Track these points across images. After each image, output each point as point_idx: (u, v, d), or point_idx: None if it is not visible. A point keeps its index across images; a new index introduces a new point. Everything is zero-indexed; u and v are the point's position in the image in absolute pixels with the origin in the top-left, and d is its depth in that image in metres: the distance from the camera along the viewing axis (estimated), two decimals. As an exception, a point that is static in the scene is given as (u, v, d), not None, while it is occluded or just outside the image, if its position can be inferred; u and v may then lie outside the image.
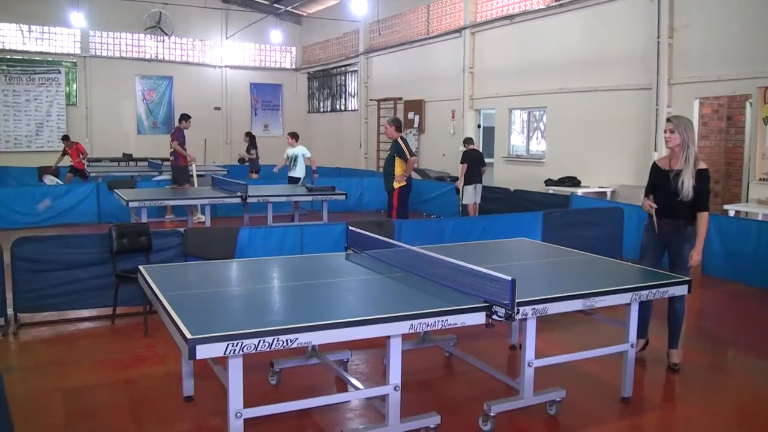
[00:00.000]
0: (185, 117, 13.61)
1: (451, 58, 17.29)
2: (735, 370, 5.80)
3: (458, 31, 17.04)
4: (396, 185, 9.43)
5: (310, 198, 10.88)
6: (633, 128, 12.23)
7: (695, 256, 5.29)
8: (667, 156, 5.56)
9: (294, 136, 13.12)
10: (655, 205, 5.44)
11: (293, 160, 12.86)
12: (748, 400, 4.96)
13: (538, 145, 15.59)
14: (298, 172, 12.81)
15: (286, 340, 3.21)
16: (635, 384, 4.80)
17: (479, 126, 17.01)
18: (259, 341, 3.15)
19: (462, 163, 12.72)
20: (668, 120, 5.44)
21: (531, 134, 15.91)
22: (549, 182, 13.34)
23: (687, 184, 5.26)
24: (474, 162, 12.65)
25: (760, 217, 9.31)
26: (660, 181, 5.46)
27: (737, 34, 10.45)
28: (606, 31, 12.89)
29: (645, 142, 11.78)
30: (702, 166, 5.36)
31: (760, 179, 10.12)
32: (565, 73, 13.80)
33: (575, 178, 13.01)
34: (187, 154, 13.12)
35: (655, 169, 5.59)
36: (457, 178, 13.29)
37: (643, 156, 11.74)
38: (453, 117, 17.30)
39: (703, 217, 5.33)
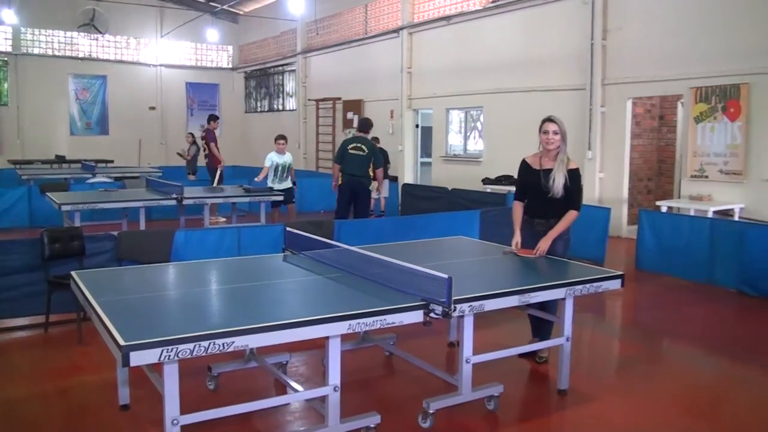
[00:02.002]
0: (214, 118, 13.54)
1: (390, 58, 17.36)
2: (670, 360, 5.99)
3: (396, 31, 17.13)
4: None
5: (247, 199, 10.76)
6: (568, 128, 12.41)
7: (542, 245, 5.29)
8: (537, 154, 5.56)
9: (286, 139, 11.16)
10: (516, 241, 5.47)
11: (285, 169, 10.93)
12: (684, 388, 5.12)
13: (475, 145, 15.79)
14: (288, 182, 10.97)
15: (223, 344, 3.16)
16: (572, 377, 4.91)
17: (417, 126, 17.13)
18: (195, 346, 3.10)
19: None
20: (551, 120, 5.41)
21: (468, 134, 16.11)
22: (486, 181, 13.52)
23: (558, 183, 5.31)
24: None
25: (692, 213, 9.64)
26: (531, 179, 5.48)
27: (669, 36, 10.78)
28: (542, 32, 13.14)
29: (580, 142, 12.04)
30: (573, 165, 5.44)
31: (692, 176, 10.46)
32: (502, 74, 14.00)
33: (512, 176, 13.19)
34: (221, 157, 13.19)
35: (525, 167, 5.57)
36: (396, 177, 13.41)
37: (577, 155, 12.00)
38: (392, 117, 17.37)
39: (570, 215, 5.37)
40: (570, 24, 12.44)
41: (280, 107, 24.04)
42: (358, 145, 10.10)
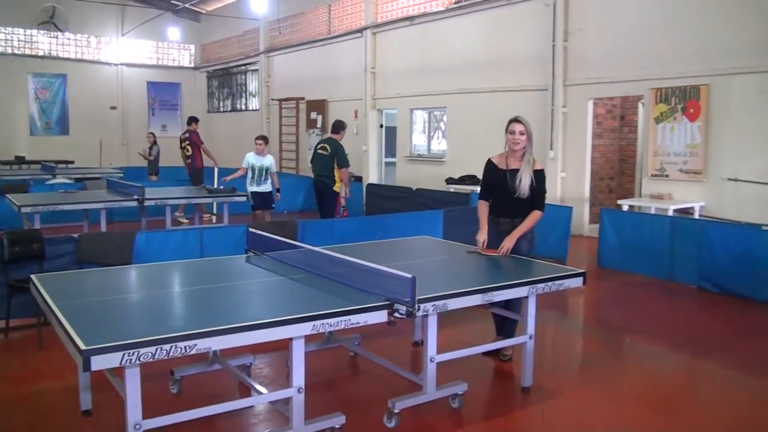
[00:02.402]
0: (195, 119, 13.61)
1: (353, 58, 17.34)
2: (632, 356, 6.11)
3: (360, 31, 17.12)
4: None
5: (210, 200, 10.66)
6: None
7: (506, 243, 5.34)
8: (503, 154, 5.60)
9: (266, 140, 10.56)
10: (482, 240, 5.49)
11: (262, 172, 10.32)
12: (646, 383, 5.21)
13: (439, 145, 15.87)
14: (267, 186, 10.36)
15: (185, 347, 3.13)
16: (535, 374, 4.96)
17: (381, 126, 17.14)
18: (157, 349, 3.06)
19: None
20: (518, 121, 5.44)
21: (432, 134, 16.17)
22: (450, 181, 13.59)
23: (525, 183, 5.36)
24: None
25: (652, 211, 9.81)
26: (497, 179, 5.52)
27: (629, 38, 10.94)
28: (504, 34, 13.23)
29: (542, 141, 12.13)
30: (539, 166, 5.50)
31: (652, 175, 10.64)
32: (466, 75, 14.08)
33: (475, 176, 13.27)
34: (213, 157, 13.33)
35: (491, 167, 5.61)
36: (360, 177, 13.42)
37: (540, 154, 12.02)
38: (356, 117, 17.36)
39: (534, 215, 5.43)
40: (532, 26, 12.56)
41: (243, 107, 23.87)
42: (324, 145, 10.21)
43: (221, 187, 10.96)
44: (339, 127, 10.40)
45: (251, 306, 4.02)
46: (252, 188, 10.33)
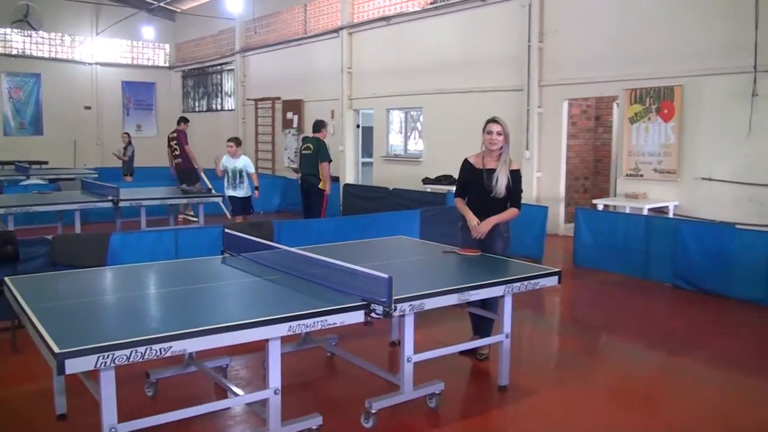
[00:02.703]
0: (185, 119, 13.48)
1: (330, 58, 17.32)
2: (608, 354, 6.17)
3: (336, 31, 17.10)
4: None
5: (185, 201, 10.59)
6: (506, 127, 12.68)
7: (482, 228, 5.38)
8: (480, 154, 5.64)
9: (237, 142, 10.11)
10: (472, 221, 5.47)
11: (236, 174, 9.94)
12: (622, 381, 5.28)
13: (415, 145, 15.91)
14: (244, 190, 10.00)
15: (160, 349, 3.11)
16: (512, 373, 4.99)
17: (358, 126, 17.13)
18: (131, 352, 3.04)
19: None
20: (495, 121, 5.47)
21: (409, 134, 16.21)
22: (426, 181, 13.63)
23: (501, 183, 5.41)
24: None
25: (627, 210, 9.91)
26: (473, 179, 5.55)
27: (604, 39, 11.05)
28: (480, 34, 13.28)
29: (517, 142, 12.19)
30: (515, 167, 5.55)
31: (627, 175, 10.75)
32: (442, 75, 14.12)
33: (452, 176, 13.31)
34: (196, 160, 13.13)
35: (468, 167, 5.63)
36: (337, 178, 13.43)
37: (515, 154, 12.16)
38: (332, 117, 17.33)
39: (512, 210, 5.49)
40: (508, 26, 12.63)
41: (219, 107, 23.73)
42: (308, 145, 10.43)
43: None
44: (320, 125, 10.54)
45: (227, 307, 4.00)
46: (229, 192, 10.05)
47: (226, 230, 5.48)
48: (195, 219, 12.57)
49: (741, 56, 9.22)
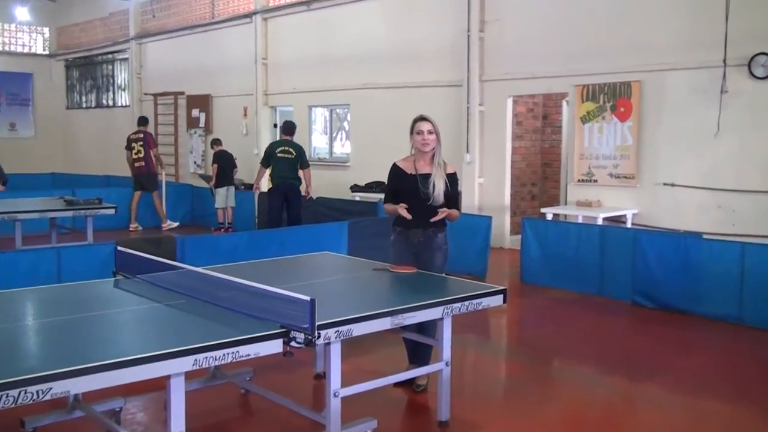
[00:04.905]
0: (147, 120, 14.30)
1: (242, 47, 17.21)
2: (561, 380, 6.27)
3: (248, 16, 17.01)
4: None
5: (70, 213, 10.31)
6: (444, 127, 12.74)
7: (440, 215, 5.42)
8: (410, 158, 5.71)
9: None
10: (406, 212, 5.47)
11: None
12: (577, 409, 5.37)
13: (342, 147, 15.92)
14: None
15: (37, 392, 2.99)
16: (453, 405, 5.00)
17: (276, 125, 17.03)
18: (2, 396, 2.91)
19: (213, 164, 13.80)
20: (424, 119, 5.56)
21: (334, 135, 16.21)
22: (355, 188, 13.67)
23: (439, 188, 5.48)
24: (225, 164, 13.68)
25: (580, 220, 10.10)
26: (406, 186, 5.58)
27: (553, 29, 11.28)
28: (414, 23, 13.42)
29: (457, 144, 12.36)
30: (451, 169, 5.66)
31: (579, 180, 10.98)
32: (371, 68, 14.21)
33: (383, 182, 13.30)
34: (162, 164, 13.80)
35: (399, 173, 5.67)
36: (251, 186, 13.37)
37: (455, 158, 12.32)
38: (245, 115, 17.21)
39: (456, 211, 5.62)
40: (444, 14, 12.79)
41: (111, 102, 23.26)
42: (286, 148, 11.34)
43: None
44: (294, 128, 11.67)
45: (120, 339, 3.89)
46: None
47: (119, 248, 5.34)
48: (175, 224, 13.44)
49: (708, 50, 9.49)
